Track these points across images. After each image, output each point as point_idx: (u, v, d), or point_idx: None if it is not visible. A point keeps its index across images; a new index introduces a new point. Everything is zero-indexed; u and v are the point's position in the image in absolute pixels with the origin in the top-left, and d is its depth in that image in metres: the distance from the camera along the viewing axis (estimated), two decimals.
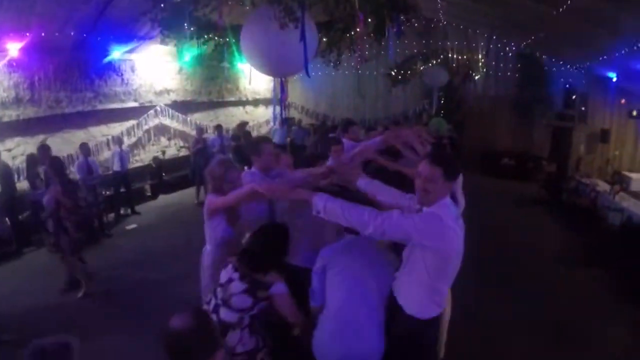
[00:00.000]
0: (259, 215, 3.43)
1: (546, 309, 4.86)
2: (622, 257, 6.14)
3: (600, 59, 7.82)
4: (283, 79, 4.30)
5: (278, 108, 9.69)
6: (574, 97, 10.33)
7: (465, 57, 10.92)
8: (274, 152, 3.62)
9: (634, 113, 8.25)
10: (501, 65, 11.84)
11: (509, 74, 11.75)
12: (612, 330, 4.54)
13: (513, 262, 6.05)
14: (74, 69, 8.06)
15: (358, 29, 6.17)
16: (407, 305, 2.39)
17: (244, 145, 9.33)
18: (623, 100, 8.73)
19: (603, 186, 8.18)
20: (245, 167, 6.62)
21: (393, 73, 11.75)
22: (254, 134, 13.65)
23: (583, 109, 10.13)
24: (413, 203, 2.51)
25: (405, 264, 2.43)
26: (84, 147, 7.37)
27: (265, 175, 3.47)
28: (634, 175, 8.15)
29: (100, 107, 8.72)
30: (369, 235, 2.26)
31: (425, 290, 2.34)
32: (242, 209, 3.28)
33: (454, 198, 2.58)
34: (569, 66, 10.34)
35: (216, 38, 7.13)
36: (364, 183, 2.79)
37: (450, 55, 10.55)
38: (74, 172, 7.40)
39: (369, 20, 6.36)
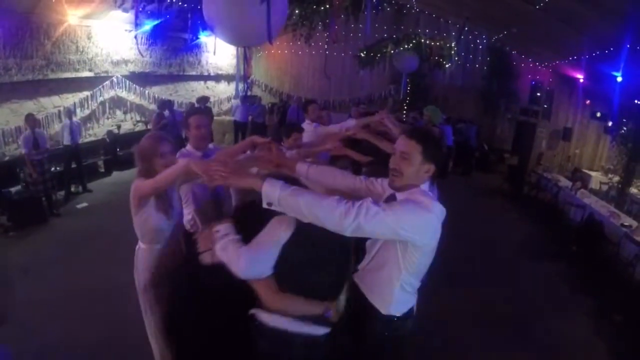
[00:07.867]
0: (204, 200, 3.01)
1: (506, 303, 4.90)
2: (582, 253, 6.34)
3: (570, 59, 7.92)
4: (247, 51, 3.90)
5: (241, 83, 9.36)
6: (539, 93, 10.52)
7: (438, 44, 10.83)
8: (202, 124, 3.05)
9: (598, 114, 8.49)
10: (470, 56, 11.90)
11: (477, 66, 11.84)
12: (569, 323, 4.63)
13: (474, 253, 6.02)
14: (25, 33, 7.26)
15: (335, 2, 5.85)
16: (382, 304, 2.13)
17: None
18: (588, 101, 8.95)
19: (565, 182, 8.38)
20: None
21: (362, 55, 11.55)
22: (215, 110, 13.23)
23: (546, 106, 10.37)
24: (372, 186, 2.25)
25: (372, 256, 2.17)
26: (30, 119, 6.66)
27: (201, 154, 3.03)
28: (593, 174, 8.44)
29: (52, 76, 7.97)
30: (341, 233, 1.78)
31: (399, 284, 2.07)
32: (190, 195, 2.89)
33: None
34: (537, 63, 10.49)
35: (180, 3, 6.58)
36: (304, 168, 2.29)
37: (423, 41, 10.42)
38: (20, 146, 6.76)
39: None
